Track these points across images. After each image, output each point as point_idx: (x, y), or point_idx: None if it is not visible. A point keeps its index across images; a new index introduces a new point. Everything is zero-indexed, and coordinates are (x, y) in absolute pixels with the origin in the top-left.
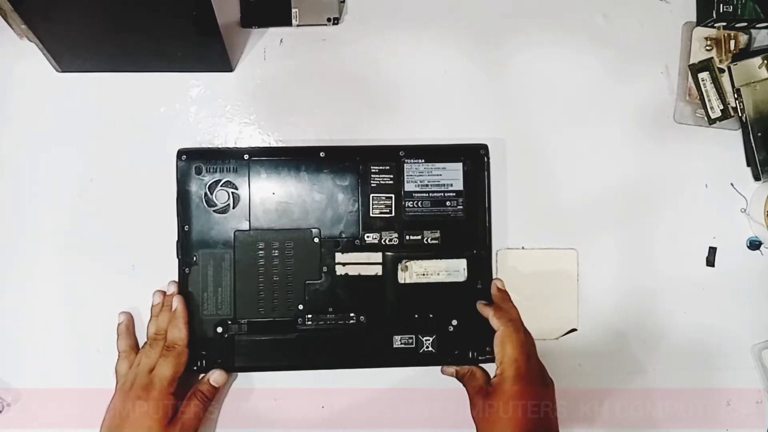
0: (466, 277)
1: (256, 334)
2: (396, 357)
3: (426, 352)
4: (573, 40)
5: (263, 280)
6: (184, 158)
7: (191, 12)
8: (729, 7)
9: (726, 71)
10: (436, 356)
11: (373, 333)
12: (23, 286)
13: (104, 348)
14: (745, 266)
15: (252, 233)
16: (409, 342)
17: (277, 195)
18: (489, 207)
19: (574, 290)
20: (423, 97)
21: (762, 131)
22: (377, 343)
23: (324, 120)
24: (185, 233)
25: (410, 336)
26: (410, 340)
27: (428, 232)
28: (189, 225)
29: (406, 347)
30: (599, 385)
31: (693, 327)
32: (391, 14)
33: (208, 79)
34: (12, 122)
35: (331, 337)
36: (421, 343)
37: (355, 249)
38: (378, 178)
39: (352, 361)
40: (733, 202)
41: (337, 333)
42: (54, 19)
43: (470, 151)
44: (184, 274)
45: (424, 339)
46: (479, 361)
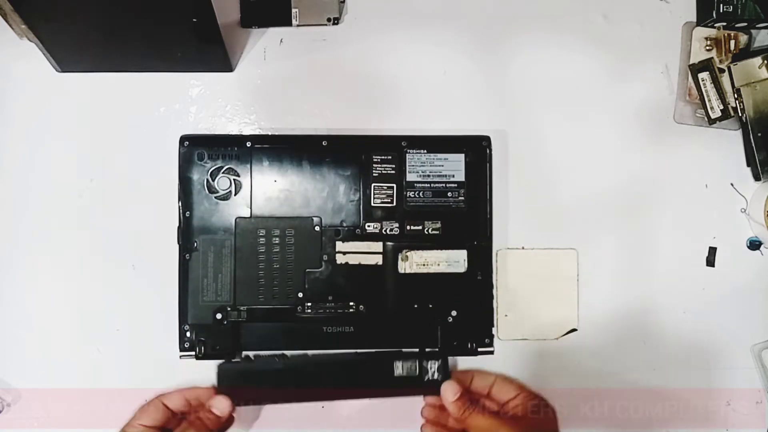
0: (466, 268)
1: (256, 322)
2: (398, 384)
3: (431, 380)
4: (573, 40)
5: (263, 268)
6: (186, 144)
7: (191, 18)
8: (729, 7)
9: (726, 71)
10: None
11: (372, 359)
12: (23, 286)
13: (104, 348)
14: (745, 266)
15: (253, 220)
16: (412, 370)
17: (279, 183)
18: (490, 198)
19: (574, 290)
20: (423, 97)
21: (762, 131)
22: (376, 370)
23: (324, 120)
24: (186, 219)
25: (412, 362)
26: (413, 368)
27: (429, 222)
28: (190, 211)
29: (409, 376)
30: (599, 385)
31: (693, 327)
32: (391, 14)
33: (208, 79)
34: (12, 122)
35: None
36: (425, 371)
37: (356, 238)
38: (380, 168)
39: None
40: (733, 202)
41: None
42: (54, 19)
43: (472, 143)
44: (185, 260)
45: (428, 366)
46: (478, 352)
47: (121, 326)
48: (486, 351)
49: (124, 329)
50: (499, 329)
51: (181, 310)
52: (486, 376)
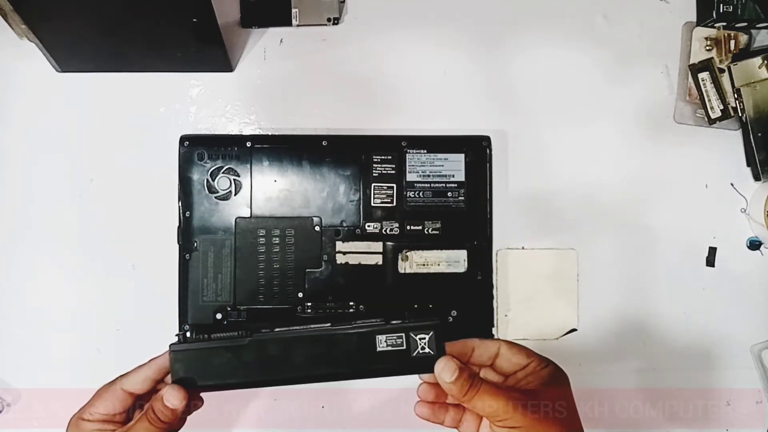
0: (466, 268)
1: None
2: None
3: (421, 356)
4: (573, 40)
5: (263, 268)
6: (186, 144)
7: (191, 18)
8: (729, 7)
9: (726, 71)
10: (434, 359)
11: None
12: (23, 286)
13: (104, 348)
14: (745, 266)
15: (253, 220)
16: (398, 343)
17: (279, 183)
18: (490, 199)
19: (574, 290)
20: (423, 97)
21: (762, 131)
22: (355, 345)
23: (324, 120)
24: (186, 219)
25: (399, 335)
26: (399, 340)
27: (429, 222)
28: (190, 211)
29: (394, 350)
30: (599, 385)
31: (693, 327)
32: (391, 14)
33: (208, 79)
34: (12, 122)
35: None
36: (414, 344)
37: (356, 238)
38: (380, 168)
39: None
40: (733, 202)
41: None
42: (54, 19)
43: (472, 143)
44: (185, 260)
45: (418, 337)
46: None
47: (121, 326)
48: None
49: (124, 329)
50: (499, 329)
51: (181, 310)
52: (489, 345)
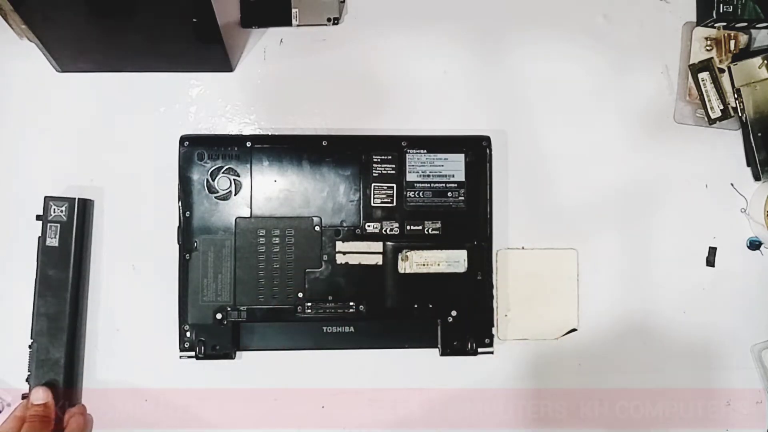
0: (466, 268)
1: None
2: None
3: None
4: (573, 40)
5: (263, 268)
6: (186, 144)
7: (191, 18)
8: (729, 7)
9: (726, 71)
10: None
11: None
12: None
13: (104, 348)
14: (745, 266)
15: (253, 220)
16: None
17: (279, 183)
18: (490, 198)
19: (574, 290)
20: (423, 97)
21: (762, 131)
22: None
23: (324, 120)
24: (186, 219)
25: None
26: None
27: (429, 222)
28: (190, 211)
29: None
30: (599, 385)
31: (693, 327)
32: (391, 14)
33: (208, 79)
34: (12, 122)
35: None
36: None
37: (356, 238)
38: (380, 168)
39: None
40: (733, 202)
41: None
42: (54, 19)
43: (472, 143)
44: (185, 260)
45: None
46: (478, 352)
47: (121, 326)
48: (486, 351)
49: (124, 329)
50: (499, 329)
51: (181, 310)
52: None
